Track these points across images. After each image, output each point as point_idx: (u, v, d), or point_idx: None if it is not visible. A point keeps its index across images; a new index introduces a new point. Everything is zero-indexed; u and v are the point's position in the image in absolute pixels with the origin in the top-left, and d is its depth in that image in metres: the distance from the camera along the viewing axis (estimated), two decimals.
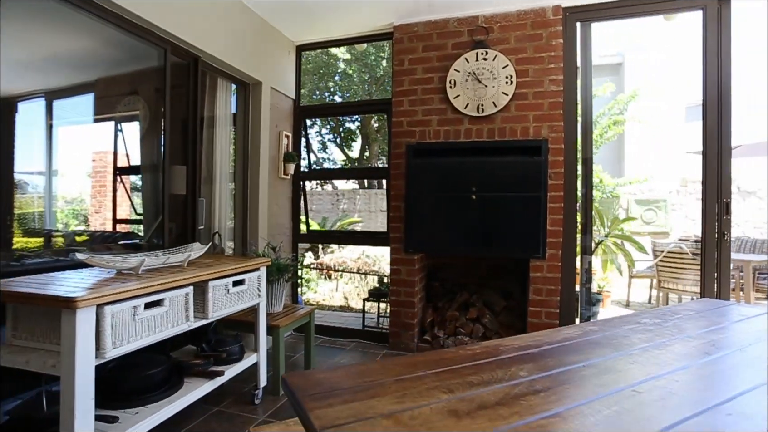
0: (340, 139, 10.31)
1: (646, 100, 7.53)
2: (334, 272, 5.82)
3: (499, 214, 3.39)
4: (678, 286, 4.56)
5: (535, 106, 3.35)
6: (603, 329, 1.37)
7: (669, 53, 9.29)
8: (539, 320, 3.36)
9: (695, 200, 7.28)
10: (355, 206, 8.41)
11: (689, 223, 7.25)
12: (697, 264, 4.36)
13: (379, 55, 7.27)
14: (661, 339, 1.28)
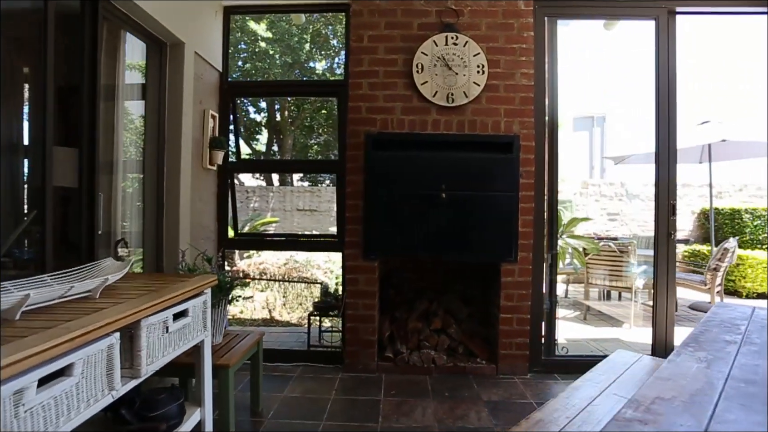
0: (243, 129, 9.25)
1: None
2: (253, 281, 5.02)
3: (470, 214, 3.10)
4: (605, 281, 4.84)
5: (507, 100, 3.13)
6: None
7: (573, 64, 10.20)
8: (510, 327, 3.16)
9: (594, 201, 8.07)
10: (267, 205, 7.55)
11: (589, 222, 8.00)
12: (623, 261, 4.65)
13: (303, 37, 6.59)
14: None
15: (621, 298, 5.90)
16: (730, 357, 1.21)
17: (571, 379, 3.17)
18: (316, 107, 8.93)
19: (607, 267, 4.79)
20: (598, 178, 9.46)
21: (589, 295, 5.42)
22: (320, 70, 8.67)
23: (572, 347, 3.84)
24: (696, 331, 1.47)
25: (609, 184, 8.09)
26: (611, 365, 2.08)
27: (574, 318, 5.06)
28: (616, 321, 4.88)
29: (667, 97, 3.26)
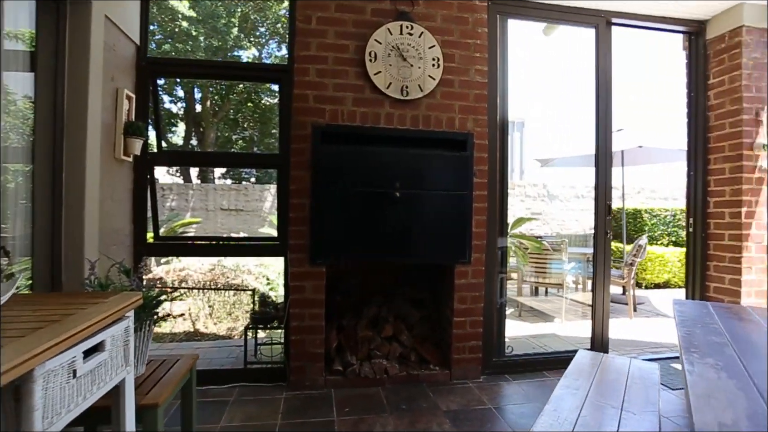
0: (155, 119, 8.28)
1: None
2: (179, 291, 4.40)
3: (424, 214, 2.95)
4: (539, 279, 5.03)
5: (462, 96, 3.04)
6: None
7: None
8: (464, 331, 3.07)
9: (519, 201, 8.48)
10: (187, 204, 6.79)
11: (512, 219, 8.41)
12: (554, 258, 4.86)
13: (231, 21, 5.99)
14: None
15: (548, 294, 6.23)
16: (736, 361, 1.17)
17: (521, 378, 3.20)
18: (243, 98, 8.26)
19: (539, 264, 4.98)
20: (519, 179, 10.00)
21: (522, 292, 5.64)
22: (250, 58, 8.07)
23: (515, 345, 3.88)
24: (683, 333, 1.44)
25: (533, 185, 8.58)
26: (579, 367, 2.04)
27: (510, 315, 5.20)
28: (548, 316, 5.09)
29: (606, 103, 3.41)
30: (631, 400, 1.65)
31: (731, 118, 3.37)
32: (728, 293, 3.40)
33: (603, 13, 3.40)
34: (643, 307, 5.75)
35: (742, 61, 3.30)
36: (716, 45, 3.51)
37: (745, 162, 3.30)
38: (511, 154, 12.46)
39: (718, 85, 3.48)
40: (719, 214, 3.47)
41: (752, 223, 3.31)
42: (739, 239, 3.31)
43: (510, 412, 2.59)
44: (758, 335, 1.46)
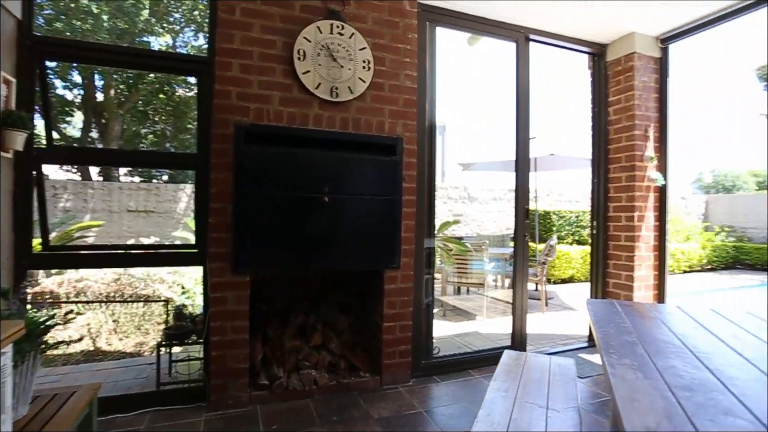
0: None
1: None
2: (67, 303, 3.82)
3: (353, 219, 2.90)
4: (462, 279, 5.23)
5: (392, 100, 3.04)
6: None
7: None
8: (394, 336, 3.07)
9: (442, 203, 8.79)
10: (86, 204, 6.00)
11: (438, 222, 8.70)
12: (475, 259, 5.09)
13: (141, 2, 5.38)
14: None
15: (469, 293, 6.53)
16: (647, 360, 1.27)
17: (448, 379, 3.28)
18: (155, 89, 7.52)
19: (462, 265, 5.19)
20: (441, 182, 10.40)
21: (446, 291, 5.84)
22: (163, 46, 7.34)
23: (441, 345, 3.99)
24: (600, 334, 1.55)
25: (454, 187, 8.95)
26: (506, 368, 2.13)
27: (435, 315, 5.34)
28: (471, 314, 5.33)
29: (524, 113, 3.63)
30: (555, 397, 1.75)
31: (626, 132, 3.78)
32: (624, 288, 3.81)
33: (522, 29, 3.62)
34: (553, 301, 6.27)
35: (634, 83, 3.72)
36: (614, 67, 3.91)
37: (637, 172, 3.72)
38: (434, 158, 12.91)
39: (616, 103, 3.89)
40: (617, 217, 3.87)
41: (642, 225, 3.74)
42: (632, 240, 3.73)
43: (440, 414, 2.64)
44: (658, 331, 1.61)
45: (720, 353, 1.35)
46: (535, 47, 3.76)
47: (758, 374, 1.17)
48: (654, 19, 3.53)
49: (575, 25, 3.63)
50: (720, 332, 1.60)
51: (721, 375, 1.16)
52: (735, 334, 1.58)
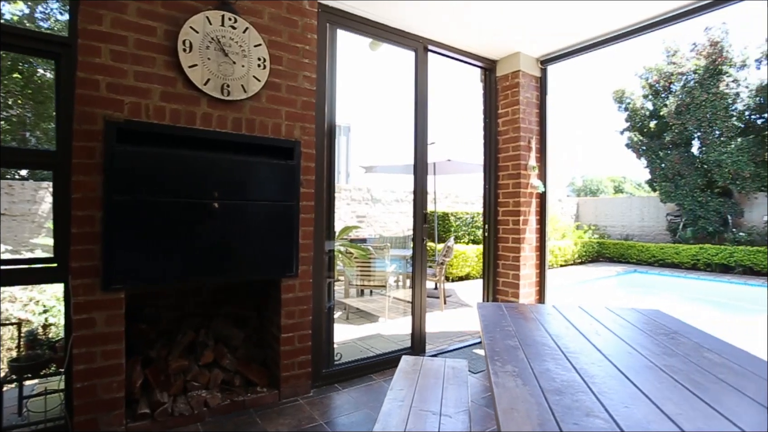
0: None
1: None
2: None
3: (247, 226, 2.72)
4: (364, 282, 5.26)
5: (289, 102, 2.91)
6: None
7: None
8: (292, 347, 2.95)
9: (345, 204, 8.77)
10: None
11: (341, 224, 8.65)
12: (379, 261, 5.15)
13: None
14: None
15: (372, 294, 6.62)
16: (526, 365, 1.36)
17: (350, 386, 3.26)
18: (7, 66, 6.29)
19: (364, 268, 5.23)
20: (345, 183, 10.39)
21: (349, 293, 5.84)
22: (16, 16, 6.13)
23: (344, 350, 3.97)
24: (487, 340, 1.63)
25: (358, 189, 9.01)
26: (402, 375, 2.16)
27: (338, 319, 5.31)
28: (373, 316, 5.39)
29: (422, 120, 3.75)
30: (448, 402, 1.81)
31: (513, 143, 4.13)
32: (511, 285, 4.16)
33: (421, 39, 3.74)
34: (451, 299, 6.64)
35: (519, 98, 4.07)
36: (503, 82, 4.25)
37: (522, 179, 4.08)
38: (338, 158, 12.87)
39: (504, 115, 4.22)
40: (505, 221, 4.21)
41: (527, 228, 4.11)
42: (518, 242, 4.08)
43: (341, 425, 2.59)
44: (537, 333, 1.74)
45: (585, 351, 1.51)
46: (438, 57, 3.92)
47: (613, 371, 1.32)
48: (534, 43, 3.90)
49: (469, 40, 3.86)
50: (586, 329, 1.79)
51: (585, 374, 1.29)
52: (597, 330, 1.78)
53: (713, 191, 10.98)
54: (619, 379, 1.25)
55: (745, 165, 10.02)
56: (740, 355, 1.47)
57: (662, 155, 11.55)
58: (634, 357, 1.46)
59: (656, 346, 1.59)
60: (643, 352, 1.50)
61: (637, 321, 1.95)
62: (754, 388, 1.20)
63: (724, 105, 10.22)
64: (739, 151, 10.05)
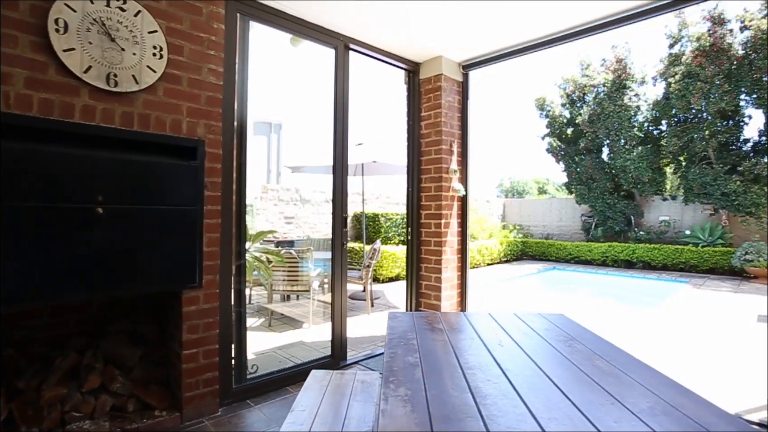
0: None
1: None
2: None
3: (139, 234, 2.43)
4: (286, 287, 5.04)
5: (191, 97, 2.65)
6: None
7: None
8: (196, 364, 2.70)
9: (272, 205, 8.41)
10: None
11: (269, 225, 8.28)
12: (301, 265, 4.97)
13: None
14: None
15: (299, 298, 6.39)
16: (421, 386, 1.29)
17: (264, 401, 3.06)
18: None
19: (287, 272, 5.01)
20: (275, 183, 10.00)
21: (273, 299, 5.57)
22: None
23: (262, 361, 3.76)
24: (387, 357, 1.55)
25: (286, 189, 8.69)
26: (308, 392, 2.03)
27: (259, 326, 5.04)
28: (298, 322, 5.19)
29: (342, 121, 3.64)
30: (350, 423, 1.71)
31: (435, 146, 4.15)
32: (433, 288, 4.18)
33: (342, 37, 3.62)
34: (379, 301, 6.60)
35: (441, 101, 4.10)
36: (426, 85, 4.25)
37: (444, 183, 4.12)
38: (269, 157, 12.40)
39: (427, 118, 4.23)
40: (428, 224, 4.23)
41: (448, 232, 4.16)
42: (440, 245, 4.11)
43: None
44: (441, 346, 1.69)
45: (484, 366, 1.48)
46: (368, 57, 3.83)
47: (507, 388, 1.29)
48: (456, 47, 3.94)
49: (392, 41, 3.80)
50: (490, 340, 1.78)
51: (478, 394, 1.25)
52: (501, 341, 1.77)
53: (619, 194, 12.04)
54: (511, 398, 1.22)
55: (644, 171, 11.10)
56: (628, 363, 1.52)
57: (577, 160, 12.46)
58: (529, 370, 1.45)
59: (553, 356, 1.61)
60: (539, 363, 1.51)
61: (541, 328, 1.99)
62: (635, 396, 1.23)
63: (628, 116, 11.25)
64: (639, 158, 11.12)
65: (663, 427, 1.06)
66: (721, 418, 1.11)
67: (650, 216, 11.84)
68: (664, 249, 10.35)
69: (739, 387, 3.29)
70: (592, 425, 1.07)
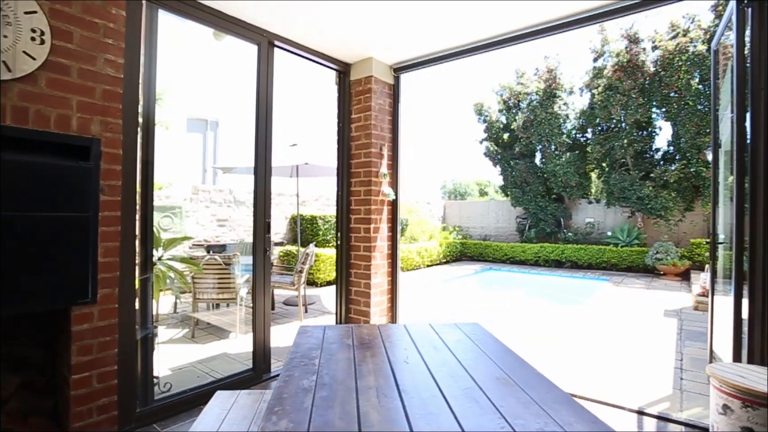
0: None
1: (170, 106, 7.35)
2: None
3: (13, 245, 2.12)
4: (212, 295, 4.74)
5: (83, 90, 2.36)
6: None
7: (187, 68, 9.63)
8: (89, 389, 2.41)
9: (204, 207, 7.93)
10: None
11: (200, 228, 7.80)
12: (229, 272, 4.71)
13: None
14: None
15: (229, 305, 6.06)
16: (306, 418, 1.20)
17: (174, 423, 2.80)
18: None
19: (214, 279, 4.72)
20: (210, 184, 9.47)
21: (198, 307, 5.23)
22: None
23: (178, 379, 3.49)
24: (281, 382, 1.45)
25: (219, 190, 8.24)
26: (206, 419, 1.86)
27: (182, 338, 4.70)
28: (224, 332, 4.90)
29: (265, 121, 3.45)
30: None
31: (365, 149, 4.08)
32: (363, 295, 4.11)
33: (266, 33, 3.44)
34: (314, 306, 6.43)
35: (371, 104, 4.04)
36: (357, 86, 4.17)
37: (373, 187, 4.05)
38: (204, 156, 11.75)
39: (357, 120, 4.15)
40: (357, 229, 4.14)
41: (378, 236, 4.10)
42: (369, 250, 4.04)
43: None
44: (343, 367, 1.59)
45: (381, 388, 1.40)
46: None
47: (399, 415, 1.22)
48: (387, 50, 3.89)
49: (321, 40, 3.68)
50: (397, 357, 1.72)
51: (365, 421, 1.17)
52: (407, 358, 1.72)
53: (550, 197, 12.72)
54: (400, 426, 1.16)
55: (572, 176, 11.80)
56: (530, 379, 1.51)
57: (513, 164, 13.00)
58: (428, 391, 1.40)
59: (456, 373, 1.57)
60: (440, 383, 1.46)
61: (452, 340, 1.96)
62: (527, 417, 1.21)
63: (558, 124, 11.90)
64: (568, 163, 11.80)
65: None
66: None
67: (577, 218, 12.61)
68: (589, 249, 11.05)
69: (644, 380, 3.52)
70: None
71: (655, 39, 10.11)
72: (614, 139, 10.92)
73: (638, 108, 10.21)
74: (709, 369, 2.39)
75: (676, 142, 10.42)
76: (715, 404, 2.30)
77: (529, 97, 12.45)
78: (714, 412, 2.32)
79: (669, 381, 3.54)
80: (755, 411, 2.10)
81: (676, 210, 10.31)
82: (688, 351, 4.35)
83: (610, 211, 11.93)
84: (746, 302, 2.62)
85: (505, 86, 13.16)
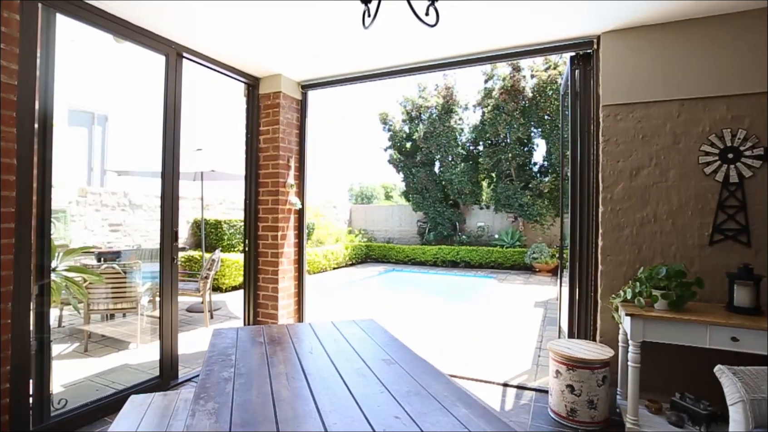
0: None
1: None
2: None
3: None
4: (108, 305, 4.52)
5: None
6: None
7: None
8: None
9: (94, 211, 7.30)
10: None
11: (88, 234, 7.16)
12: (127, 280, 4.57)
13: None
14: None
15: (126, 316, 5.76)
16: (229, 399, 1.47)
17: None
18: None
19: (110, 288, 4.51)
20: (98, 186, 8.68)
21: (90, 319, 4.92)
22: None
23: (75, 394, 3.38)
24: (203, 375, 1.68)
25: (112, 193, 7.66)
26: (123, 422, 1.98)
27: (72, 352, 4.42)
28: (123, 343, 4.71)
29: (173, 131, 3.51)
30: None
31: (273, 161, 4.29)
32: (271, 299, 4.31)
33: (174, 45, 3.49)
34: (220, 312, 6.38)
35: (280, 118, 4.27)
36: (265, 100, 4.37)
37: (281, 196, 4.29)
38: (90, 154, 10.67)
39: (266, 133, 4.35)
40: (265, 236, 4.34)
41: (285, 243, 4.34)
42: (277, 256, 4.27)
43: None
44: (259, 361, 1.87)
45: (290, 373, 1.72)
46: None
47: (304, 390, 1.55)
48: (294, 68, 4.16)
49: (231, 54, 3.82)
50: (303, 349, 2.04)
51: (278, 397, 1.48)
52: (312, 349, 2.04)
53: (448, 203, 13.90)
54: (305, 398, 1.49)
55: (466, 184, 13.07)
56: (406, 359, 1.93)
57: (414, 172, 13.95)
58: (327, 372, 1.75)
59: (349, 357, 1.94)
60: (336, 364, 1.81)
61: (349, 334, 2.33)
62: (399, 383, 1.62)
63: (454, 136, 13.10)
64: (462, 173, 13.05)
65: (413, 407, 1.45)
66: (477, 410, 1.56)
67: (471, 222, 13.97)
68: (480, 250, 12.34)
69: (511, 360, 4.28)
70: (360, 410, 1.40)
71: (533, 69, 11.73)
72: (501, 153, 12.36)
73: (520, 126, 11.73)
74: (549, 345, 3.10)
75: (548, 158, 12.18)
76: (552, 371, 3.01)
77: (429, 110, 13.48)
78: (551, 377, 3.03)
79: (529, 358, 4.34)
80: (574, 372, 2.82)
81: (549, 216, 12.03)
82: (547, 333, 5.31)
83: (497, 216, 13.44)
84: (568, 290, 3.43)
85: (408, 98, 14.07)
